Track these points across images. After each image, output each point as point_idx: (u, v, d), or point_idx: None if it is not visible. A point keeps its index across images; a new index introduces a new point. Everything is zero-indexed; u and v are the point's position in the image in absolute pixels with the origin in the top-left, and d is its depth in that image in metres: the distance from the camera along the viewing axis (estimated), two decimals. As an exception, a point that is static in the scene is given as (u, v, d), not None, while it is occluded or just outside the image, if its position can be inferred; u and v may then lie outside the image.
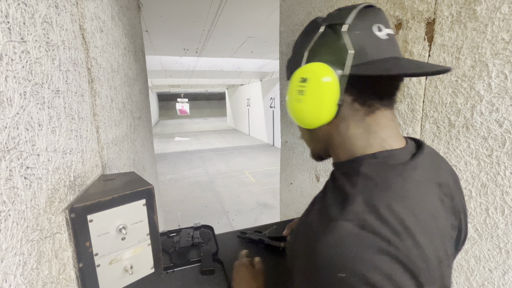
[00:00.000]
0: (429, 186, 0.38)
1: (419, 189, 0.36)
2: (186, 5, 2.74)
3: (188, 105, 19.00)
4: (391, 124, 0.41)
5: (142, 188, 0.62)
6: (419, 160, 0.39)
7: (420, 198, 0.35)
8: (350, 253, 0.30)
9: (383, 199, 0.33)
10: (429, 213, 0.35)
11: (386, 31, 0.38)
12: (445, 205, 0.39)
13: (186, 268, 0.85)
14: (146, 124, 1.92)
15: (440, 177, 0.41)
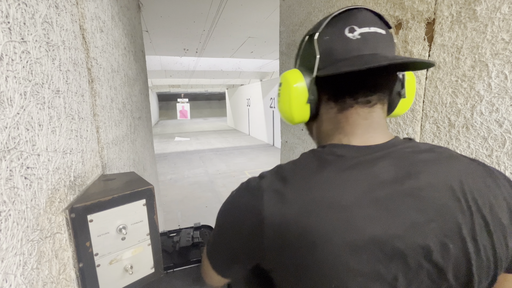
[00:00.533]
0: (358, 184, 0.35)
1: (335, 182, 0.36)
2: (186, 5, 2.74)
3: (188, 105, 18.97)
4: (362, 122, 0.42)
5: (142, 188, 0.62)
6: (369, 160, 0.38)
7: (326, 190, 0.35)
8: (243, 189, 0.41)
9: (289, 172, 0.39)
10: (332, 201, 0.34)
11: (360, 30, 0.40)
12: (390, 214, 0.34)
13: (186, 268, 0.85)
14: (146, 124, 1.92)
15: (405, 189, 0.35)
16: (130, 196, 0.60)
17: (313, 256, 0.33)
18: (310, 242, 0.33)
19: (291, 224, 0.34)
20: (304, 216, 0.34)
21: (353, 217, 0.34)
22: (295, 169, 0.39)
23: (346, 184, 0.36)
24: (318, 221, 0.34)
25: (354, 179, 0.36)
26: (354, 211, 0.34)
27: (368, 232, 0.33)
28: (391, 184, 0.36)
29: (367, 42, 0.40)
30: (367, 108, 0.42)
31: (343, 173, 0.37)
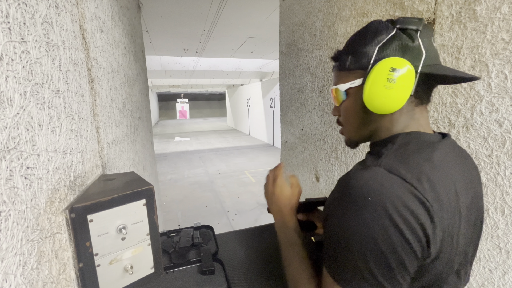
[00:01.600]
0: (452, 164, 0.44)
1: (444, 162, 0.42)
2: (186, 5, 2.74)
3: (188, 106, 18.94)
4: (427, 115, 0.51)
5: (142, 188, 0.62)
6: (445, 143, 0.47)
7: (443, 167, 0.42)
8: (379, 185, 0.38)
9: (412, 157, 0.41)
10: (449, 181, 0.41)
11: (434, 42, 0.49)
12: (467, 187, 0.45)
13: (186, 268, 0.85)
14: (146, 124, 1.92)
15: (462, 163, 0.47)
16: (130, 196, 0.60)
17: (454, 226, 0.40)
18: (453, 216, 0.40)
19: (443, 200, 0.39)
20: (447, 196, 0.39)
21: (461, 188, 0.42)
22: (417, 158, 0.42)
23: (448, 163, 0.44)
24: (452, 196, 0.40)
25: (447, 158, 0.44)
26: (460, 184, 0.43)
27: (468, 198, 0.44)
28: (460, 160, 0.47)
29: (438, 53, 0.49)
30: (426, 105, 0.51)
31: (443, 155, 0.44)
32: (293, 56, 1.62)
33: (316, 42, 1.35)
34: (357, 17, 1.06)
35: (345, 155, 1.25)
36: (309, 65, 1.45)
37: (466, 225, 0.43)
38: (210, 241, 1.00)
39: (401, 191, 0.37)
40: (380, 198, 0.36)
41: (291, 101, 1.71)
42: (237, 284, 0.77)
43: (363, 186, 0.38)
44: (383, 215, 0.36)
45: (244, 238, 1.01)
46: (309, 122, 1.52)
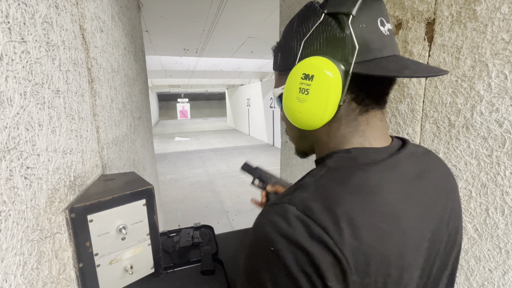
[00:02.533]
0: (399, 184, 0.35)
1: (384, 191, 0.33)
2: (186, 5, 2.74)
3: (188, 105, 18.95)
4: (379, 124, 0.40)
5: (142, 188, 0.62)
6: (397, 159, 0.37)
7: (382, 201, 0.32)
8: (284, 231, 0.30)
9: (337, 191, 0.32)
10: (389, 211, 0.32)
11: (387, 26, 0.36)
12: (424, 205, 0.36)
13: (186, 268, 0.85)
14: (146, 124, 1.92)
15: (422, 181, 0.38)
16: (130, 196, 0.60)
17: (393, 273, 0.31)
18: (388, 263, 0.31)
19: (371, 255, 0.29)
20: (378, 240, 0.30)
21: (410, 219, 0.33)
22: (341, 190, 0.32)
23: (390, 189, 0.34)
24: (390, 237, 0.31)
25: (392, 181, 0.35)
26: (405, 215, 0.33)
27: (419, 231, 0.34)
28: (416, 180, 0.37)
29: (393, 40, 0.37)
30: (380, 110, 0.40)
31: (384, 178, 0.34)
32: (293, 56, 1.62)
33: (316, 42, 1.35)
34: (357, 17, 1.06)
35: (345, 155, 1.25)
36: (309, 65, 1.45)
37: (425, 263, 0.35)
38: (210, 241, 1.00)
39: (308, 240, 0.29)
40: (282, 250, 0.29)
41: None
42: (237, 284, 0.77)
43: (269, 233, 0.31)
44: (282, 270, 0.29)
45: (244, 238, 1.01)
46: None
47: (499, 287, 0.70)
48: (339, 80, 0.34)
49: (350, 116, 0.39)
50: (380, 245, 0.30)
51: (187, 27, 3.56)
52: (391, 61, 0.35)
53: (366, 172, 0.34)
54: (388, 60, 0.35)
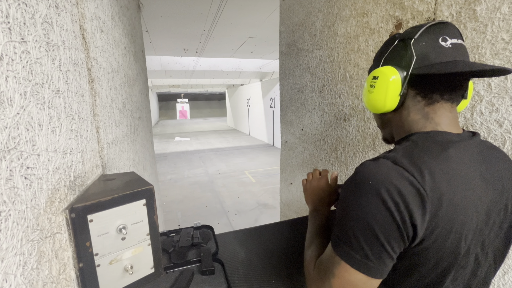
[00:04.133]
0: (468, 163, 0.45)
1: (456, 160, 0.44)
2: (186, 5, 2.74)
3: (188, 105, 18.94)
4: (448, 114, 0.51)
5: (142, 188, 0.62)
6: (468, 143, 0.48)
7: (454, 165, 0.43)
8: (381, 173, 0.42)
9: (420, 152, 0.44)
10: (460, 173, 0.43)
11: (451, 41, 0.48)
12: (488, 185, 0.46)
13: (186, 268, 0.85)
14: (146, 124, 1.92)
15: (486, 164, 0.47)
16: (130, 196, 0.60)
17: (457, 219, 0.41)
18: (458, 211, 0.41)
19: (444, 194, 0.41)
20: (452, 191, 0.41)
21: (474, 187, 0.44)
22: (423, 151, 0.45)
23: (462, 162, 0.45)
24: (462, 193, 0.42)
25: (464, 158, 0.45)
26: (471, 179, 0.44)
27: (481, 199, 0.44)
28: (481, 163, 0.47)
29: (457, 51, 0.48)
30: (450, 104, 0.51)
31: (458, 154, 0.45)
32: (293, 56, 1.62)
33: (316, 42, 1.35)
34: (357, 17, 1.06)
35: (345, 155, 1.25)
36: (309, 65, 1.45)
37: (481, 224, 0.45)
38: (210, 241, 1.00)
39: (398, 179, 0.41)
40: (378, 183, 0.41)
41: (291, 101, 1.71)
42: (237, 284, 0.77)
43: (368, 173, 0.44)
44: (376, 197, 0.41)
45: (244, 238, 1.02)
46: (309, 122, 1.52)
47: (499, 287, 0.70)
48: (398, 79, 0.50)
49: (417, 106, 0.52)
50: (451, 193, 0.41)
51: (187, 27, 3.56)
52: (447, 65, 0.46)
53: (443, 146, 0.45)
54: (444, 64, 0.47)
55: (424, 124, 0.51)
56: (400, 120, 0.55)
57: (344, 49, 1.16)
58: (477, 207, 0.43)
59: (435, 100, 0.50)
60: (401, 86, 0.50)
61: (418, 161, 0.42)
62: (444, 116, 0.50)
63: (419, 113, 0.52)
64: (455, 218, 0.41)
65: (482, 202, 0.44)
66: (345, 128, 1.22)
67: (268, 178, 5.96)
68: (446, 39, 0.48)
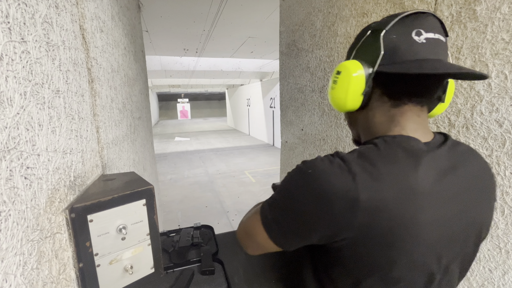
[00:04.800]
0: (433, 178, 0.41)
1: (419, 175, 0.39)
2: (186, 5, 2.74)
3: (189, 105, 18.93)
4: (416, 119, 0.46)
5: (142, 188, 0.62)
6: (434, 154, 0.43)
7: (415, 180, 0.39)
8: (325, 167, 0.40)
9: (376, 161, 0.40)
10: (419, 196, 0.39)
11: (426, 35, 0.42)
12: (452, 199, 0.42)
13: (186, 268, 0.85)
14: (146, 124, 1.92)
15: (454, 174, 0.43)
16: (130, 196, 0.60)
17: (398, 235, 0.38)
18: (401, 224, 0.38)
19: (387, 207, 0.37)
20: (400, 200, 0.38)
21: (431, 203, 0.39)
22: (382, 156, 0.41)
23: (426, 173, 0.40)
24: (411, 206, 0.38)
25: (428, 168, 0.41)
26: (434, 196, 0.40)
27: (439, 215, 0.40)
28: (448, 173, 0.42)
29: (431, 47, 0.42)
30: (419, 107, 0.46)
31: (422, 164, 0.41)
32: (293, 56, 1.62)
33: (316, 42, 1.35)
34: (357, 17, 1.06)
35: (345, 155, 1.25)
36: (309, 65, 1.45)
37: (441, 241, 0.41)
38: (210, 241, 1.00)
39: (337, 178, 0.38)
40: (316, 174, 0.40)
41: (291, 101, 1.71)
42: (237, 284, 0.77)
43: (315, 163, 0.42)
44: (308, 186, 0.40)
45: (244, 238, 1.01)
46: (309, 122, 1.52)
47: (499, 287, 0.70)
48: (362, 76, 0.45)
49: (383, 107, 0.47)
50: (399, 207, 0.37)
51: (187, 27, 3.56)
52: (416, 63, 0.41)
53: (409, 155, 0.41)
54: (414, 62, 0.42)
55: (389, 127, 0.47)
56: (366, 121, 0.51)
57: (344, 49, 1.16)
58: (438, 225, 0.40)
59: (402, 102, 0.46)
60: (365, 84, 0.46)
61: (369, 167, 0.39)
62: (411, 120, 0.46)
63: (384, 114, 0.47)
64: (400, 233, 0.38)
65: (442, 220, 0.40)
66: (345, 128, 1.22)
67: (268, 178, 5.96)
68: (420, 33, 0.42)
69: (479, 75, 0.40)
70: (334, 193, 0.38)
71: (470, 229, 0.44)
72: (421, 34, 0.42)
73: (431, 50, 0.42)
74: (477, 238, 0.46)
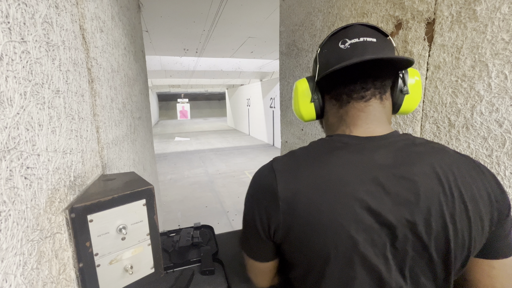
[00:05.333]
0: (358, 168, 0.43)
1: (337, 164, 0.43)
2: (186, 5, 2.74)
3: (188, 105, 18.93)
4: (359, 114, 0.50)
5: (142, 188, 0.62)
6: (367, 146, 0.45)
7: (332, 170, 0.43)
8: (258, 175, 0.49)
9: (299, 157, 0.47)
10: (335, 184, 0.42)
11: (350, 41, 0.48)
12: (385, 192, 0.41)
13: (186, 268, 0.85)
14: (146, 124, 1.92)
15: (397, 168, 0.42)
16: (130, 196, 0.60)
17: (320, 222, 0.41)
18: (317, 211, 0.41)
19: (302, 197, 0.42)
20: (313, 190, 0.42)
21: (354, 191, 0.41)
22: (306, 153, 0.47)
23: (350, 165, 0.43)
24: (325, 194, 0.41)
25: (356, 161, 0.43)
26: (356, 186, 0.41)
27: (365, 204, 0.40)
28: (388, 168, 0.42)
29: (356, 49, 0.47)
30: (362, 102, 0.49)
31: (348, 156, 0.44)
32: (293, 56, 1.62)
33: (316, 42, 1.35)
34: (357, 17, 1.06)
35: (345, 155, 1.25)
36: (309, 65, 1.45)
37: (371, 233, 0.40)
38: (210, 241, 1.00)
39: (265, 176, 0.47)
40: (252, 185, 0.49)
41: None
42: (237, 284, 0.77)
43: (255, 174, 0.50)
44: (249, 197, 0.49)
45: (244, 238, 1.01)
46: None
47: (499, 287, 0.70)
48: (307, 87, 0.56)
49: (333, 109, 0.54)
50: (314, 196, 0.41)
51: (187, 27, 3.56)
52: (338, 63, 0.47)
53: (330, 149, 0.46)
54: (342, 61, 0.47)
55: (338, 126, 0.52)
56: (326, 125, 0.58)
57: (344, 49, 1.16)
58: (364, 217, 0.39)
59: (346, 101, 0.50)
60: (310, 93, 0.55)
61: (290, 163, 0.46)
62: (355, 116, 0.49)
63: (335, 116, 0.53)
64: (319, 221, 0.40)
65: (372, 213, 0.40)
66: (345, 128, 1.22)
67: (268, 178, 5.95)
68: (345, 41, 0.48)
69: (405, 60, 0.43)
70: (262, 189, 0.46)
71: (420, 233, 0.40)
72: (346, 42, 0.48)
73: (356, 51, 0.47)
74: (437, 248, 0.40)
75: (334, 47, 0.49)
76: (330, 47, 0.50)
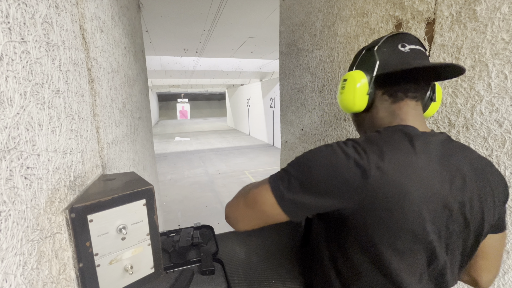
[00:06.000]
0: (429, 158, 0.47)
1: (416, 152, 0.47)
2: (186, 5, 2.74)
3: (188, 105, 18.92)
4: (412, 111, 0.55)
5: (142, 188, 0.62)
6: (429, 139, 0.50)
7: (413, 157, 0.46)
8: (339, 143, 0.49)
9: (378, 140, 0.49)
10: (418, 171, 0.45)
11: (409, 46, 0.54)
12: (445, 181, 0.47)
13: (186, 268, 0.85)
14: (146, 124, 1.92)
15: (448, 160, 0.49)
16: (130, 196, 0.60)
17: (401, 204, 0.44)
18: (402, 193, 0.44)
19: (391, 178, 0.44)
20: (400, 174, 0.44)
21: (428, 177, 0.46)
22: (385, 140, 0.49)
23: (422, 152, 0.47)
24: (410, 178, 0.45)
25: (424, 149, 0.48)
26: (429, 172, 0.46)
27: (436, 189, 0.45)
28: (441, 158, 0.48)
29: (415, 55, 0.54)
30: (414, 101, 0.56)
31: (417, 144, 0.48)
32: (293, 56, 1.62)
33: (316, 42, 1.35)
34: (357, 17, 1.06)
35: (345, 155, 1.25)
36: (309, 65, 1.45)
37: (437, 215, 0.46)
38: (210, 241, 1.00)
39: (352, 152, 0.47)
40: (335, 148, 0.48)
41: (291, 101, 1.71)
42: (237, 284, 0.77)
43: (330, 144, 0.51)
44: (331, 157, 0.48)
45: (244, 238, 1.02)
46: (309, 122, 1.52)
47: (499, 287, 0.70)
48: (365, 80, 0.57)
49: (384, 104, 0.57)
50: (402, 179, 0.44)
51: (187, 27, 3.56)
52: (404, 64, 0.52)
53: (406, 137, 0.49)
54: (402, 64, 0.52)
55: (390, 120, 0.56)
56: (371, 119, 0.60)
57: (344, 49, 1.16)
58: (433, 198, 0.45)
59: (400, 98, 0.55)
60: (368, 86, 0.57)
61: (374, 147, 0.47)
62: (408, 113, 0.55)
63: (386, 110, 0.57)
64: (403, 202, 0.44)
65: (438, 195, 0.46)
66: (345, 128, 1.22)
67: (268, 178, 5.95)
68: (404, 45, 0.54)
69: (458, 68, 0.49)
70: (350, 162, 0.45)
71: (467, 213, 0.48)
72: (405, 46, 0.54)
73: (416, 56, 0.54)
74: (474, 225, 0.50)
75: (394, 48, 0.55)
76: (389, 47, 0.55)
